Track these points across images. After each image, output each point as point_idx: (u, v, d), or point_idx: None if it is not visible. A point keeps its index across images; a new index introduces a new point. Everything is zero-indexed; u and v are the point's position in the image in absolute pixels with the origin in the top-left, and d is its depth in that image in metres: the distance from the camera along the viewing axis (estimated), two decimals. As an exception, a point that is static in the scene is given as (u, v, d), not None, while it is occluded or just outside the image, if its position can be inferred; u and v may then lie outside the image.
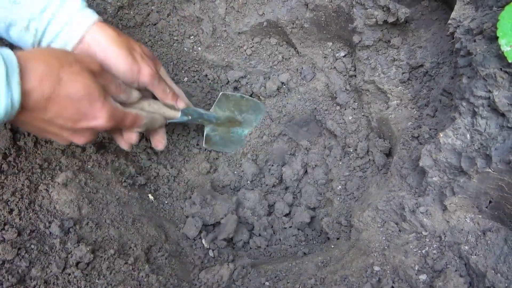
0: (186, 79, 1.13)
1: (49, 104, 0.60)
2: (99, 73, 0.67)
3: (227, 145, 1.14)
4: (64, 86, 0.60)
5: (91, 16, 0.72)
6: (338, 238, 0.94)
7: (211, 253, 0.94)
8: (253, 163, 1.15)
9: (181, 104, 0.89)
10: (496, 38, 0.57)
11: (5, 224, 0.70)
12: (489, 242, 0.66)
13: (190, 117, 0.94)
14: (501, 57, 0.58)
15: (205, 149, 1.13)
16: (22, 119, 0.59)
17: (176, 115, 0.90)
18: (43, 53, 0.62)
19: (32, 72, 0.56)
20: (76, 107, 0.62)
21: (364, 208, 0.85)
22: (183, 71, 1.12)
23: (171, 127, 1.09)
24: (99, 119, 0.66)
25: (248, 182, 1.14)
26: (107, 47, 0.73)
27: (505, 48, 0.56)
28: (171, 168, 1.08)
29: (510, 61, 0.56)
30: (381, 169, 0.93)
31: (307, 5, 0.94)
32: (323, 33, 0.98)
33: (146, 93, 0.83)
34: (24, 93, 0.55)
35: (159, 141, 0.91)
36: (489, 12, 0.63)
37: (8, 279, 0.65)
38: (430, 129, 0.79)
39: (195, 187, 1.09)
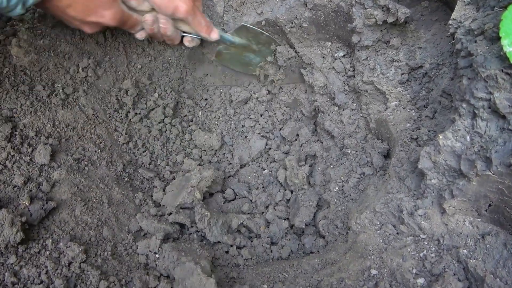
0: (183, 77, 1.12)
1: None
2: None
3: (236, 65, 1.14)
4: None
5: None
6: (335, 240, 0.93)
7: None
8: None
9: (214, 36, 0.96)
10: (498, 38, 0.56)
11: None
12: (488, 246, 0.65)
13: None
14: (502, 58, 0.58)
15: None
16: (46, 5, 0.75)
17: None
18: None
19: None
20: (86, 4, 0.76)
21: (361, 210, 0.84)
22: (180, 70, 1.11)
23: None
24: (105, 17, 0.80)
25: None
26: None
27: (507, 49, 0.55)
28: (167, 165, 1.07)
29: (512, 62, 0.55)
30: (379, 171, 0.92)
31: (306, 4, 0.93)
32: (322, 32, 0.97)
33: None
34: None
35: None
36: (491, 13, 0.62)
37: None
38: (429, 131, 0.78)
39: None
